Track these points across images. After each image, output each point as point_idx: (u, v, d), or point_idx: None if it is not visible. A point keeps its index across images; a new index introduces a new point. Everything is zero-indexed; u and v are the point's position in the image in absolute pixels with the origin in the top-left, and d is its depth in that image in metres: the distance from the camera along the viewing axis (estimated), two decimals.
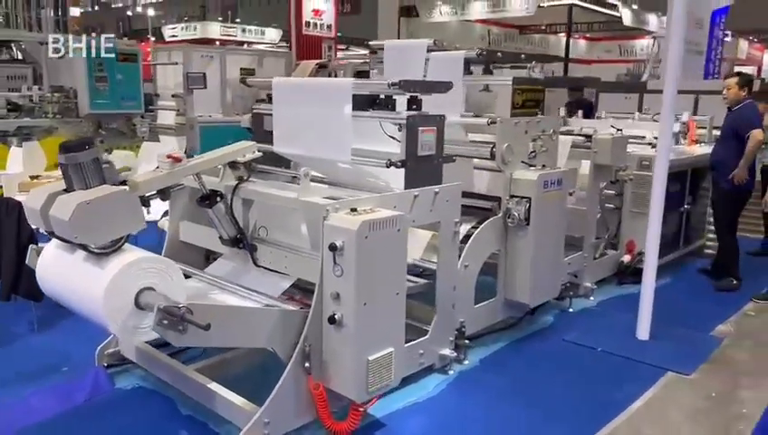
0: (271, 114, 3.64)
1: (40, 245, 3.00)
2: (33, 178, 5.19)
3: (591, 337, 3.96)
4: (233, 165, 3.12)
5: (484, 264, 3.93)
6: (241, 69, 9.51)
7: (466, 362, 3.58)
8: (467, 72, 3.99)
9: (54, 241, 2.74)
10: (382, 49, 4.31)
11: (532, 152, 3.87)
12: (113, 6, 37.13)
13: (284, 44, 17.02)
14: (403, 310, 2.87)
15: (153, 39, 23.75)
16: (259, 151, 3.58)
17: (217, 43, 24.51)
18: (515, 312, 4.09)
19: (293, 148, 3.47)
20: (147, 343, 3.16)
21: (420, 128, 3.13)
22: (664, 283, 5.15)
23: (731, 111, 5.01)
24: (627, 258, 5.03)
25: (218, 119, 8.89)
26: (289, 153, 3.52)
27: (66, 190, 2.53)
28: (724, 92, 5.00)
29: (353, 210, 2.72)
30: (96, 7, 37.21)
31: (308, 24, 17.36)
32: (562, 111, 7.00)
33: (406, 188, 3.12)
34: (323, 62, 9.65)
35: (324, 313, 2.71)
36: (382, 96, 3.44)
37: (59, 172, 6.02)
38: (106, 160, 2.58)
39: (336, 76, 8.30)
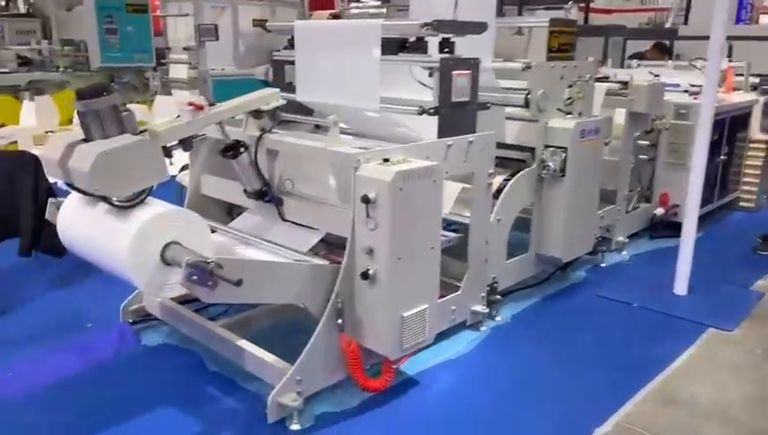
0: (292, 62, 3.46)
1: (59, 199, 2.89)
2: (47, 133, 5.08)
3: (626, 292, 3.83)
4: (256, 114, 2.96)
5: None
6: (253, 20, 9.22)
7: (498, 318, 3.48)
8: (500, 13, 3.75)
9: (75, 194, 2.62)
10: None
11: (567, 99, 3.67)
12: None
13: None
14: (437, 265, 2.74)
15: None
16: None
17: None
18: (547, 267, 3.96)
19: (318, 96, 3.30)
20: (171, 299, 3.09)
21: (454, 72, 2.94)
22: (697, 236, 4.99)
23: None
24: (660, 211, 4.86)
25: (231, 72, 8.68)
26: (313, 102, 3.36)
27: (85, 140, 2.39)
28: None
29: (386, 160, 2.57)
30: None
31: None
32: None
33: (439, 137, 2.96)
34: (336, 13, 9.35)
35: (357, 268, 2.59)
36: (411, 39, 3.26)
37: (74, 127, 5.92)
38: (125, 108, 2.43)
39: None
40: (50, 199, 2.87)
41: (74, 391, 2.77)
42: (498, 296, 3.49)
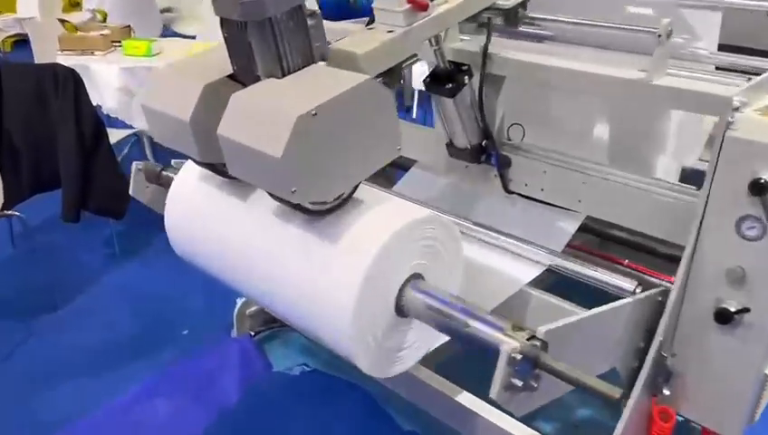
0: None
1: (147, 161, 1.71)
2: (64, 23, 3.67)
3: None
4: (476, 15, 1.69)
5: None
6: None
7: None
8: None
9: (192, 164, 1.45)
10: None
11: None
12: None
13: None
14: None
15: None
16: None
17: None
18: None
19: None
20: None
21: None
22: None
23: None
24: None
25: None
26: None
27: (233, 78, 1.18)
28: None
29: None
30: None
31: None
32: None
33: None
34: None
35: (696, 299, 1.48)
36: None
37: (88, 15, 4.38)
38: (311, 10, 1.19)
39: None
40: (135, 163, 1.69)
41: None
42: None
